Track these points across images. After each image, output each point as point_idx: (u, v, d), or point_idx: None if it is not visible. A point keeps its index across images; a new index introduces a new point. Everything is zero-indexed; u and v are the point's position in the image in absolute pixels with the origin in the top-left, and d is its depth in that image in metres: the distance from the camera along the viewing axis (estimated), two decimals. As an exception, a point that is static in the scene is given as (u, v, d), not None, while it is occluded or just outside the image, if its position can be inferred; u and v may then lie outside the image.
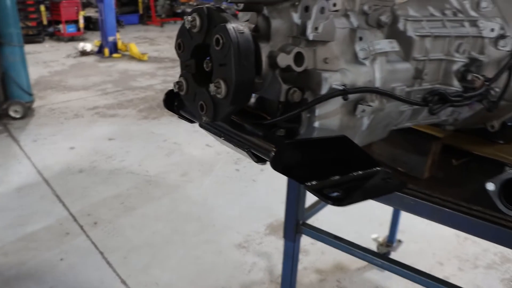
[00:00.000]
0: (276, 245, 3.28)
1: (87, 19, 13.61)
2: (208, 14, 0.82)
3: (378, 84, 0.96)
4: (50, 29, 12.62)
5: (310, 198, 1.84)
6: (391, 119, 1.08)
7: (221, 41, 0.78)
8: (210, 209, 3.79)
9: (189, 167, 4.53)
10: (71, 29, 12.25)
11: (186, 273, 2.98)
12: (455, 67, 1.13)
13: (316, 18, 0.87)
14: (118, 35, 10.26)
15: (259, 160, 0.87)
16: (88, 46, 10.42)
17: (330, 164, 0.86)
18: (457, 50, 1.14)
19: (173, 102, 1.05)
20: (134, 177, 4.30)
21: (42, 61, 9.54)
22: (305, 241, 3.29)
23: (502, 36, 1.24)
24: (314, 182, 0.81)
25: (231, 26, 0.78)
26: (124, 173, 4.39)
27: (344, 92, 0.86)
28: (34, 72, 6.00)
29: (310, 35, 0.87)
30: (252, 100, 1.01)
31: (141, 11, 16.16)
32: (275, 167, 0.78)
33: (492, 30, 1.21)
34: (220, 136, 0.95)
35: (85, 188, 4.08)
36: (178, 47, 0.91)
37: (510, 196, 1.13)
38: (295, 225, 1.67)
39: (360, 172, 0.89)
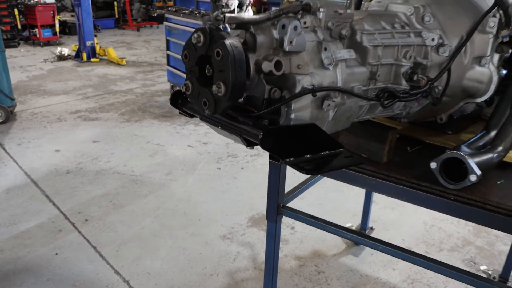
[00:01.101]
0: (258, 236, 3.54)
1: (63, 23, 13.64)
2: (210, 32, 1.08)
3: (339, 84, 1.23)
4: (25, 33, 12.63)
5: (289, 185, 2.11)
6: (352, 112, 1.35)
7: (221, 53, 1.03)
8: (194, 205, 4.03)
9: (173, 167, 4.75)
10: (47, 33, 12.25)
11: (175, 263, 3.21)
12: (403, 70, 1.41)
13: (290, 34, 1.13)
14: (95, 40, 10.39)
15: (249, 144, 1.13)
16: (65, 51, 10.50)
17: (304, 146, 1.12)
18: (404, 56, 1.42)
19: (178, 101, 1.30)
20: (121, 177, 4.50)
21: (19, 66, 9.60)
22: (285, 231, 3.56)
23: (441, 45, 1.53)
24: (292, 159, 1.07)
25: (228, 42, 1.03)
26: (110, 173, 4.59)
27: (313, 91, 1.13)
28: (12, 77, 6.11)
29: (286, 47, 1.13)
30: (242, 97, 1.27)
31: (116, 15, 16.23)
32: (263, 146, 1.04)
33: (433, 39, 1.49)
34: (218, 126, 1.20)
35: (74, 188, 4.26)
36: (185, 57, 1.16)
37: (449, 173, 1.41)
38: (276, 207, 1.93)
39: (327, 152, 1.15)
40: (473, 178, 1.35)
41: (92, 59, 10.16)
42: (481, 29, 1.61)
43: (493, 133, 1.61)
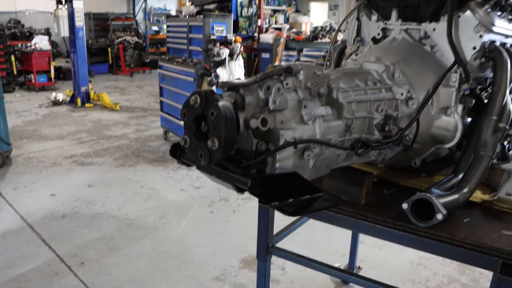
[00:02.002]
0: (250, 277, 3.64)
1: (58, 69, 13.96)
2: (205, 95, 1.26)
3: (318, 136, 1.41)
4: (20, 79, 12.89)
5: (277, 226, 2.26)
6: (331, 160, 1.52)
7: (215, 113, 1.21)
8: (188, 247, 4.13)
9: (166, 210, 4.88)
10: (42, 79, 12.52)
11: (169, 304, 3.30)
12: (375, 121, 1.60)
13: (274, 94, 1.32)
14: (90, 85, 10.64)
15: (239, 190, 1.29)
16: (60, 96, 10.73)
17: (288, 191, 1.29)
18: (376, 109, 1.61)
19: (176, 152, 1.47)
20: (115, 221, 4.62)
21: (14, 110, 9.79)
22: (276, 272, 3.67)
23: (410, 98, 1.73)
24: (277, 203, 1.24)
25: (221, 103, 1.21)
26: (105, 217, 4.70)
27: (294, 143, 1.31)
28: (8, 122, 6.29)
29: (271, 106, 1.31)
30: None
31: (110, 61, 16.61)
32: (252, 192, 1.21)
33: (402, 94, 1.69)
34: (212, 175, 1.36)
35: (69, 232, 4.36)
36: (184, 115, 1.33)
37: (422, 212, 1.58)
38: (266, 247, 2.08)
39: (308, 196, 1.32)
40: (439, 216, 1.51)
41: (87, 104, 10.37)
42: (445, 83, 1.81)
43: (460, 176, 1.79)
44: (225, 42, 5.73)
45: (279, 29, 12.78)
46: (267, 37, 12.02)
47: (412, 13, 2.00)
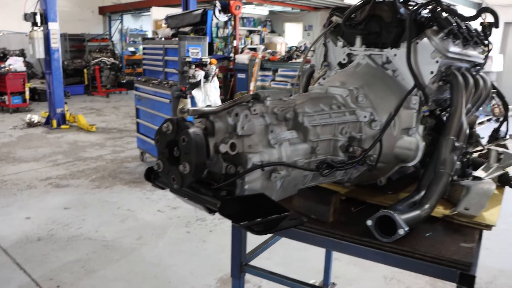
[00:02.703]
0: (227, 296, 3.68)
1: (33, 90, 13.85)
2: (177, 122, 1.33)
3: (284, 159, 1.49)
4: (-6, 100, 12.77)
5: (253, 244, 2.32)
6: (298, 181, 1.61)
7: (185, 139, 1.29)
8: (165, 268, 4.15)
9: (143, 232, 4.89)
10: (16, 100, 12.41)
11: (146, 325, 3.31)
12: (340, 143, 1.69)
13: (242, 121, 1.40)
14: (66, 107, 10.60)
15: (211, 211, 1.36)
16: (35, 118, 10.65)
17: (256, 211, 1.36)
18: (341, 132, 1.71)
19: (151, 176, 1.54)
20: (92, 243, 4.61)
21: (-12, 133, 9.69)
22: (252, 289, 3.72)
23: (373, 120, 1.83)
24: (245, 222, 1.31)
25: (191, 130, 1.29)
26: (82, 239, 4.69)
27: (261, 166, 1.39)
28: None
29: (239, 132, 1.39)
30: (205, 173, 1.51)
31: (86, 82, 16.57)
32: (221, 213, 1.28)
33: (365, 116, 1.79)
34: (185, 197, 1.43)
35: (45, 255, 4.34)
36: (157, 141, 1.40)
37: (387, 228, 1.66)
38: (239, 265, 2.14)
39: (275, 216, 1.39)
40: (401, 232, 1.61)
41: (62, 126, 10.32)
42: (406, 106, 1.92)
43: (422, 193, 1.89)
44: (201, 64, 5.83)
45: (255, 49, 12.98)
46: (243, 58, 12.18)
47: (375, 40, 2.12)
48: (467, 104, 2.08)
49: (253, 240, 2.23)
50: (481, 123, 10.20)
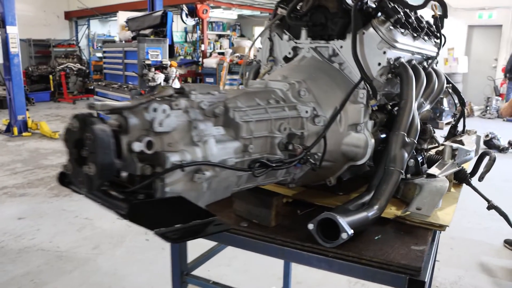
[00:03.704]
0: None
1: (-7, 98, 13.42)
2: (83, 119, 1.17)
3: (211, 158, 1.34)
4: (-48, 109, 12.30)
5: (194, 252, 2.16)
6: (229, 182, 1.46)
7: (90, 137, 1.13)
8: (120, 278, 3.95)
9: (100, 240, 4.67)
10: (-25, 108, 12.01)
11: None
12: (277, 140, 1.55)
13: (159, 116, 1.24)
14: (27, 114, 10.25)
15: (122, 216, 1.20)
16: (-5, 126, 10.29)
17: (175, 216, 1.21)
18: (279, 128, 1.56)
19: (64, 180, 1.37)
20: (45, 254, 4.37)
21: None
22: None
23: (316, 115, 1.70)
24: (162, 229, 1.15)
25: (96, 126, 1.13)
26: (34, 250, 4.45)
27: (180, 166, 1.23)
28: None
29: (156, 128, 1.24)
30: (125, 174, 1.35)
31: (52, 88, 16.12)
32: (129, 219, 1.12)
33: (307, 111, 1.66)
34: (98, 202, 1.27)
35: (-7, 269, 4.09)
36: (65, 140, 1.24)
37: (329, 232, 1.53)
38: (180, 275, 1.98)
39: (198, 221, 1.24)
40: (344, 236, 1.47)
41: (24, 134, 9.97)
42: (353, 100, 1.80)
43: (372, 193, 1.76)
44: (161, 67, 5.65)
45: (223, 53, 12.84)
46: (211, 62, 12.03)
47: (321, 32, 1.99)
48: (419, 98, 1.97)
49: (196, 247, 2.07)
50: (448, 123, 10.24)
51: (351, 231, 1.48)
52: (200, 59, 13.09)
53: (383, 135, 1.98)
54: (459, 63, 13.55)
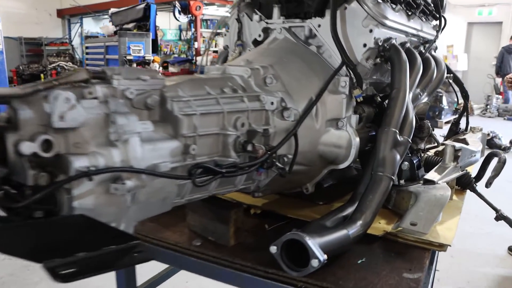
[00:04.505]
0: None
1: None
2: None
3: (134, 162, 1.01)
4: None
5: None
6: (167, 193, 1.13)
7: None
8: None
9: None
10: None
11: None
12: (231, 139, 1.21)
13: (61, 107, 0.91)
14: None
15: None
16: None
17: (76, 242, 0.88)
18: (234, 124, 1.23)
19: None
20: (12, 263, 4.02)
21: None
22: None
23: (285, 108, 1.36)
24: (55, 260, 0.82)
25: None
26: (0, 259, 4.10)
27: (85, 174, 0.90)
28: None
29: (55, 123, 0.91)
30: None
31: (43, 88, 15.77)
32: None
33: (272, 103, 1.32)
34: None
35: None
36: None
37: (298, 255, 1.19)
38: (128, 303, 1.65)
39: (113, 247, 0.91)
40: (314, 263, 1.14)
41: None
42: (332, 89, 1.47)
43: (356, 204, 1.43)
44: (143, 63, 5.31)
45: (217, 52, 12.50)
46: (204, 60, 11.67)
47: (295, 9, 1.66)
48: (414, 88, 1.64)
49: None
50: (448, 122, 9.91)
51: (323, 257, 1.14)
52: (194, 58, 12.74)
53: (372, 133, 1.65)
54: (458, 61, 13.23)
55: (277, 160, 1.35)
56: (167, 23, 15.92)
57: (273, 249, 1.20)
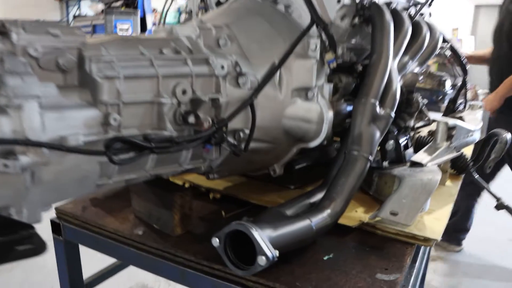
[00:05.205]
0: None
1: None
2: None
3: (31, 134, 0.79)
4: None
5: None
6: (86, 172, 0.91)
7: None
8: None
9: (48, 236, 4.14)
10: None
11: None
12: (167, 109, 0.99)
13: None
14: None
15: None
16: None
17: None
18: (173, 91, 1.01)
19: None
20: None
21: None
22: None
23: (240, 74, 1.14)
24: None
25: None
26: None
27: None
28: None
29: None
30: None
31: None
32: None
33: (223, 67, 1.10)
34: None
35: None
36: None
37: (248, 249, 0.98)
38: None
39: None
40: (261, 261, 0.92)
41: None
42: (301, 53, 1.24)
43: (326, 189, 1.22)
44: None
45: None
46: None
47: (263, -39, 1.42)
48: (400, 54, 1.40)
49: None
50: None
51: (273, 253, 0.93)
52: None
53: (351, 107, 1.42)
54: (463, 45, 12.89)
55: (231, 135, 1.13)
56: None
57: (215, 241, 0.99)
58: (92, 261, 1.71)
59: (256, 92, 1.14)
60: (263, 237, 0.92)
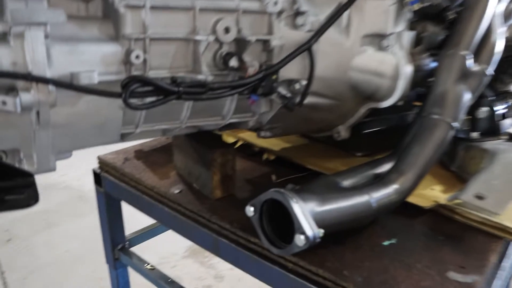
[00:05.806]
0: (190, 270, 2.96)
1: None
2: None
3: (34, 68, 0.67)
4: None
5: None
6: (106, 118, 0.79)
7: None
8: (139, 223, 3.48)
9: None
10: None
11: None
12: (204, 49, 0.83)
13: None
14: None
15: None
16: None
17: None
18: (213, 28, 0.84)
19: None
20: (68, 193, 4.01)
21: None
22: (223, 266, 2.95)
23: (298, 13, 0.94)
24: None
25: None
26: (60, 188, 4.10)
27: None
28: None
29: None
30: None
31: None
32: None
33: (276, 3, 0.91)
34: None
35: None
36: None
37: (283, 225, 0.81)
38: (112, 249, 1.40)
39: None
40: (299, 241, 0.75)
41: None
42: (375, -9, 1.01)
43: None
44: None
45: None
46: None
47: None
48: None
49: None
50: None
51: (315, 232, 0.75)
52: None
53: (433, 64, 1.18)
54: None
55: (284, 86, 0.95)
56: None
57: (249, 210, 0.83)
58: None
59: (317, 36, 0.94)
60: (305, 212, 0.75)
